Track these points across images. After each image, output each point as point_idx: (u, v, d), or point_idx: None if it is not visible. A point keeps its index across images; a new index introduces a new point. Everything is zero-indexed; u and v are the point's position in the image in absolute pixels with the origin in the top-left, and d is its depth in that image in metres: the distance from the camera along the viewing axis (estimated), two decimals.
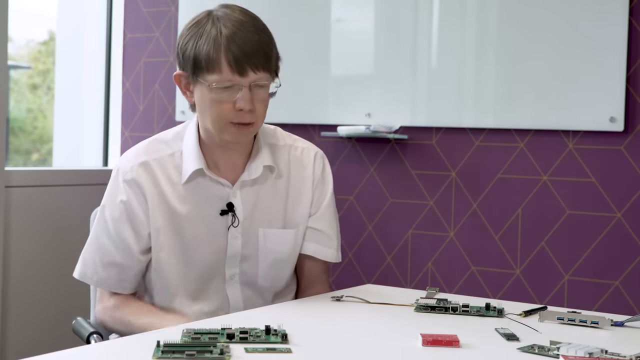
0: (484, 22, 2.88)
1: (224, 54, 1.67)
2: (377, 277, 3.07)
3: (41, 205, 3.23)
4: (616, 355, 1.33)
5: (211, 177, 1.80)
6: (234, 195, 1.81)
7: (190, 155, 1.79)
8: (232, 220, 1.81)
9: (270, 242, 1.84)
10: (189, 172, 1.78)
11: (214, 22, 1.71)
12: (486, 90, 2.87)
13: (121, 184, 1.82)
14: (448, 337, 1.41)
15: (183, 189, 1.80)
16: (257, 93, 1.72)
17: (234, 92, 1.70)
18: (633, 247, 2.66)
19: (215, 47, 1.68)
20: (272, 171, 1.85)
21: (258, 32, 1.71)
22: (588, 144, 2.73)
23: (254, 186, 1.83)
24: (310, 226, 1.89)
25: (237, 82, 1.69)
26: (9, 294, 3.10)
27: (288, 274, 1.91)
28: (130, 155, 1.85)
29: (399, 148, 3.04)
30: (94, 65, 3.72)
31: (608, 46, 2.66)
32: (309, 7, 3.15)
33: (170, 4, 3.51)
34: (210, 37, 1.69)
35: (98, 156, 3.71)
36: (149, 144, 1.85)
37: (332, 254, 1.92)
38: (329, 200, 1.92)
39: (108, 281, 1.84)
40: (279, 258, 1.86)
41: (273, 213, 1.85)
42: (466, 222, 2.92)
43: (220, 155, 1.81)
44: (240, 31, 1.69)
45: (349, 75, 3.13)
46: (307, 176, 1.89)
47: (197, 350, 1.27)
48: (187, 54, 1.72)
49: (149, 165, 1.81)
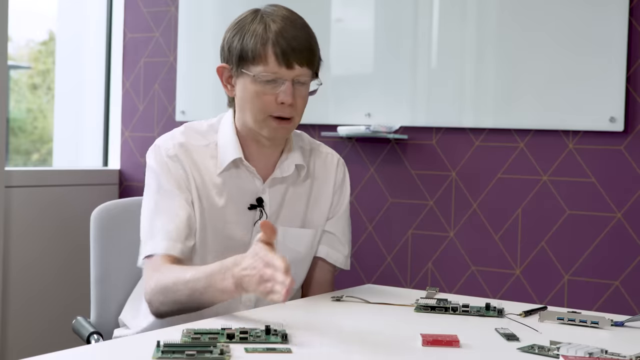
0: (484, 22, 2.88)
1: (272, 47, 1.72)
2: (377, 277, 3.07)
3: (41, 205, 3.23)
4: (616, 355, 1.33)
5: (247, 168, 1.82)
6: (264, 192, 1.84)
7: (228, 146, 1.82)
8: (259, 216, 1.83)
9: (290, 241, 1.87)
10: (227, 161, 1.80)
11: (262, 18, 1.75)
12: (486, 91, 2.87)
13: (165, 158, 1.80)
14: (448, 337, 1.41)
15: (218, 179, 1.81)
16: (299, 89, 1.76)
17: (277, 86, 1.74)
18: (633, 247, 2.66)
19: (264, 39, 1.72)
20: (301, 171, 1.88)
21: (305, 29, 1.77)
22: (588, 144, 2.73)
23: (283, 184, 1.86)
24: (326, 229, 1.94)
25: (281, 75, 1.73)
26: (9, 294, 3.10)
27: (303, 274, 1.94)
28: (167, 137, 1.85)
29: (399, 148, 3.04)
30: (94, 65, 3.72)
31: (608, 46, 2.66)
32: (309, 7, 3.15)
33: (170, 4, 3.51)
34: (259, 30, 1.73)
35: (98, 156, 3.71)
36: (185, 131, 1.86)
37: (342, 260, 1.96)
38: (345, 207, 1.97)
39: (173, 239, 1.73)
40: (296, 257, 1.88)
41: (295, 213, 1.88)
42: (466, 222, 2.92)
43: (255, 150, 1.83)
44: (289, 26, 1.74)
45: (349, 75, 3.13)
46: (330, 180, 1.94)
47: (197, 350, 1.27)
48: (234, 46, 1.76)
49: (188, 147, 1.82)
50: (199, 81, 3.41)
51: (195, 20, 3.44)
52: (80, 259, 3.24)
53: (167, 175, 1.80)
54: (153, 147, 1.85)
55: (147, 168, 1.84)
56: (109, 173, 3.59)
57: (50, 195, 3.26)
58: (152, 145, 1.86)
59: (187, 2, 3.44)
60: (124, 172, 3.62)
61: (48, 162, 3.85)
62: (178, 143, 1.82)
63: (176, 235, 1.75)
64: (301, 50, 1.74)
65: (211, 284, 1.59)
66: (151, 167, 1.83)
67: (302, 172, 1.89)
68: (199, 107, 3.41)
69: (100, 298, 2.08)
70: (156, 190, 1.80)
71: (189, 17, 3.45)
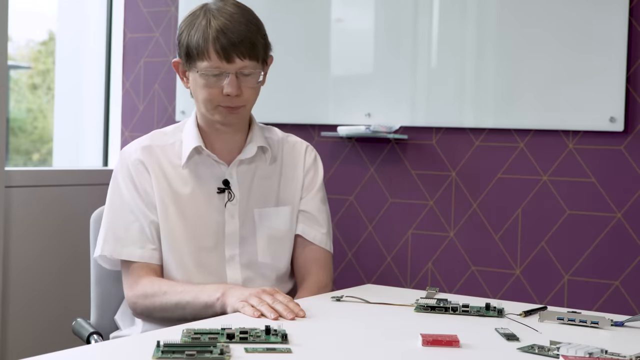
0: (484, 22, 2.88)
1: (212, 43, 1.81)
2: (377, 277, 3.07)
3: (41, 205, 3.23)
4: (616, 355, 1.33)
5: (209, 155, 1.91)
6: (230, 175, 1.93)
7: (189, 137, 1.93)
8: (228, 196, 1.91)
9: (266, 220, 1.95)
10: (188, 151, 1.91)
11: (206, 14, 1.85)
12: (486, 90, 2.87)
13: (127, 164, 1.93)
14: (448, 337, 1.41)
15: (183, 171, 1.91)
16: (244, 80, 1.85)
17: (222, 79, 1.84)
18: (633, 247, 2.66)
19: (205, 37, 1.82)
20: (265, 152, 1.96)
21: (246, 23, 1.84)
22: (588, 144, 2.73)
23: (250, 165, 1.95)
24: (301, 209, 2.00)
25: (224, 69, 1.83)
26: (9, 294, 3.10)
27: (287, 254, 1.99)
28: (133, 143, 1.98)
29: (399, 148, 3.04)
30: (94, 65, 3.72)
31: (608, 46, 2.66)
32: (309, 7, 3.15)
33: (170, 4, 3.51)
34: (201, 27, 1.83)
35: (98, 156, 3.71)
36: (150, 135, 1.99)
37: (322, 238, 2.01)
38: (319, 187, 2.03)
39: (132, 247, 1.88)
40: (275, 235, 1.96)
41: (267, 194, 1.96)
42: (466, 222, 2.92)
43: (216, 138, 1.93)
44: (229, 22, 1.82)
45: (349, 75, 3.13)
46: (299, 163, 2.02)
47: (197, 350, 1.27)
48: (182, 43, 1.88)
49: (152, 149, 1.94)
50: None
51: None
52: (80, 259, 3.24)
53: (128, 180, 1.91)
54: (119, 154, 1.97)
55: (113, 173, 1.96)
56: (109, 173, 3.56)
57: (50, 195, 3.26)
58: (120, 152, 2.00)
59: (187, 2, 3.44)
60: None
61: (48, 162, 3.85)
62: (141, 147, 1.94)
63: (145, 241, 1.89)
64: (241, 43, 1.81)
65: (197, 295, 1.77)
66: (115, 172, 1.95)
67: (267, 154, 1.97)
68: None
69: (100, 298, 2.08)
70: (119, 194, 1.92)
71: None
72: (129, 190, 1.90)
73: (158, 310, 1.82)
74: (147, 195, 1.89)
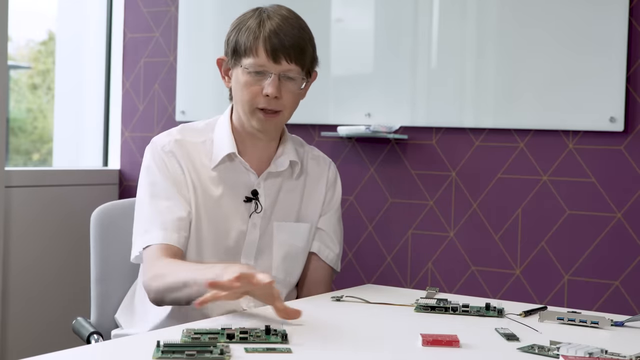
0: (484, 22, 2.88)
1: (263, 41, 1.80)
2: (377, 277, 3.07)
3: (41, 205, 3.23)
4: (616, 355, 1.33)
5: (241, 162, 1.88)
6: (259, 185, 1.90)
7: (223, 141, 1.89)
8: (255, 207, 1.89)
9: (284, 235, 1.92)
10: (220, 155, 1.87)
11: (260, 14, 1.84)
12: (486, 90, 2.87)
13: (161, 154, 1.87)
14: (448, 337, 1.41)
15: (212, 173, 1.88)
16: (286, 84, 1.83)
17: (264, 78, 1.81)
18: (633, 247, 2.66)
19: (256, 34, 1.80)
20: (295, 167, 1.94)
21: (299, 29, 1.84)
22: (588, 144, 2.73)
23: (277, 179, 1.93)
24: (318, 227, 1.99)
25: (268, 68, 1.80)
26: (9, 294, 3.10)
27: (299, 270, 1.98)
28: (163, 134, 1.92)
29: (399, 148, 3.04)
30: (94, 65, 3.72)
31: (608, 46, 2.66)
32: (309, 7, 3.15)
33: (170, 4, 3.51)
34: (254, 26, 1.81)
35: (98, 156, 3.71)
36: (181, 129, 1.93)
37: (332, 258, 2.00)
38: (337, 207, 2.03)
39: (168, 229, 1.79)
40: (291, 251, 1.94)
41: (289, 208, 1.94)
42: (466, 222, 2.92)
43: (250, 144, 1.90)
44: (283, 24, 1.81)
45: (349, 75, 3.13)
46: (322, 177, 2.00)
47: (197, 350, 1.27)
48: (230, 40, 1.85)
49: (183, 144, 1.89)
50: (199, 81, 3.41)
51: (195, 20, 3.44)
52: (80, 259, 3.24)
53: (164, 171, 1.86)
54: (150, 144, 1.91)
55: (144, 164, 1.90)
56: (109, 173, 3.59)
57: (50, 195, 3.26)
58: (150, 142, 1.92)
59: (187, 2, 3.44)
60: (124, 172, 3.62)
61: (48, 162, 3.85)
62: (174, 139, 1.89)
63: (171, 226, 1.80)
64: (291, 46, 1.81)
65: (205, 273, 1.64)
66: (148, 163, 1.89)
67: (296, 168, 1.95)
68: (199, 107, 3.41)
69: (100, 298, 2.08)
70: (152, 185, 1.85)
71: (189, 17, 3.45)
72: (165, 179, 1.84)
73: (168, 290, 1.72)
74: (180, 185, 1.85)
